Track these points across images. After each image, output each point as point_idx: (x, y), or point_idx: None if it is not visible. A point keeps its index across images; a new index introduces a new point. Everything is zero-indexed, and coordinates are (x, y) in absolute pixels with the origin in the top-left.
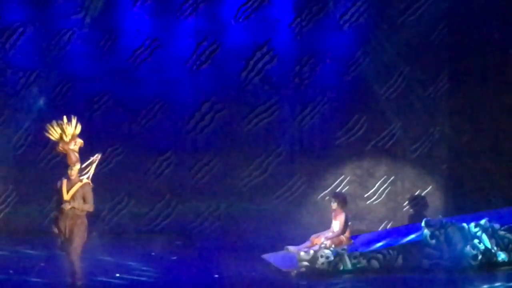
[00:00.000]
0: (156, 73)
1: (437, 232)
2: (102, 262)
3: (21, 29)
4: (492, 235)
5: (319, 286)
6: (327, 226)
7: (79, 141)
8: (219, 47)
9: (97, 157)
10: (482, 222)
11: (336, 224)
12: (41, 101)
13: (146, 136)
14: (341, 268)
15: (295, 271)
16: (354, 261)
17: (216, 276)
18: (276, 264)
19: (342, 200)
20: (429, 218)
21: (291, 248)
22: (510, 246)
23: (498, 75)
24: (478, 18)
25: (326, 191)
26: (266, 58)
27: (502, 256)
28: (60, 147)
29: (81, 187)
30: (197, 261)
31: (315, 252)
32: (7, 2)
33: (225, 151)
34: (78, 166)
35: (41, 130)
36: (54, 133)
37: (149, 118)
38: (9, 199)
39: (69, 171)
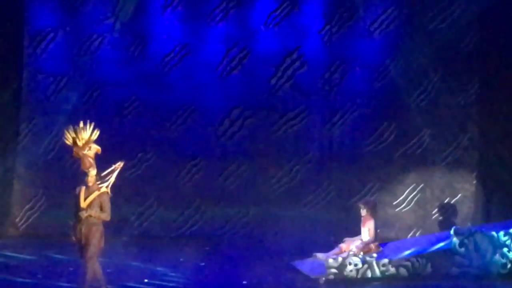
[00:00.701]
0: (185, 79)
1: (466, 240)
2: (131, 267)
3: (52, 34)
4: None
5: None
6: (355, 233)
7: (95, 147)
8: (249, 53)
9: (119, 165)
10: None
11: (365, 232)
12: (71, 106)
13: (176, 141)
14: (370, 275)
15: (323, 278)
16: (383, 268)
17: (245, 282)
18: (305, 271)
19: (372, 207)
20: (458, 226)
21: (320, 255)
22: None
23: None
24: (509, 26)
25: (355, 198)
26: (296, 64)
27: None
28: (74, 152)
29: (99, 195)
30: (226, 267)
31: (344, 259)
32: (38, 8)
33: (254, 157)
34: (93, 172)
35: None
36: (68, 137)
37: (179, 123)
38: (38, 204)
39: (86, 178)
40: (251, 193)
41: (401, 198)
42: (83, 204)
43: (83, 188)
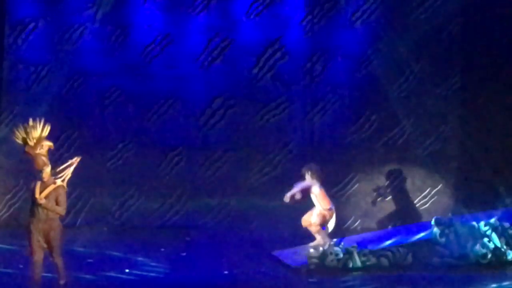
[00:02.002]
0: (167, 69)
1: (446, 231)
2: (111, 257)
3: (32, 24)
4: (501, 233)
5: (329, 283)
6: (339, 223)
7: (47, 144)
8: (230, 43)
9: (75, 160)
10: (492, 220)
11: (314, 198)
12: (53, 96)
13: (157, 131)
14: (351, 265)
15: (304, 268)
16: (364, 258)
17: (226, 272)
18: (286, 260)
19: (316, 171)
20: (439, 217)
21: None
22: None
23: (509, 73)
24: (489, 16)
25: (337, 188)
26: (278, 55)
27: (511, 255)
28: (26, 150)
29: (55, 189)
30: (207, 257)
31: (325, 249)
32: None
33: (235, 148)
34: (48, 169)
35: (52, 125)
36: (18, 137)
37: (160, 113)
38: (19, 194)
39: (41, 174)
40: (232, 183)
41: (382, 188)
42: (39, 196)
43: (39, 182)
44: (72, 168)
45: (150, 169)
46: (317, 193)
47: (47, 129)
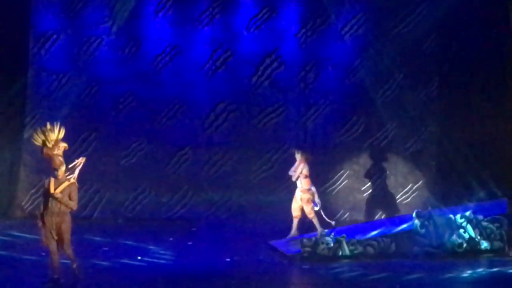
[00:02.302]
0: (175, 77)
1: (426, 222)
2: (125, 246)
3: (54, 36)
4: (476, 225)
5: (320, 269)
6: (329, 215)
7: (63, 145)
8: (232, 54)
9: (82, 160)
10: (467, 213)
11: (294, 170)
12: (72, 101)
13: (166, 133)
14: (340, 253)
15: (298, 256)
16: (352, 247)
17: (228, 259)
18: (282, 249)
19: (305, 152)
20: (419, 210)
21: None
22: (492, 235)
23: (481, 80)
24: (464, 29)
25: (327, 184)
26: (274, 64)
27: (484, 244)
28: (44, 152)
29: (68, 185)
30: (211, 246)
31: (317, 239)
32: (42, 12)
33: (237, 148)
34: (63, 167)
35: (72, 127)
36: (37, 139)
37: (169, 117)
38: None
39: (56, 172)
40: (233, 180)
41: (368, 184)
42: (55, 191)
43: (52, 179)
44: (79, 167)
45: (160, 167)
46: (303, 173)
47: (63, 131)
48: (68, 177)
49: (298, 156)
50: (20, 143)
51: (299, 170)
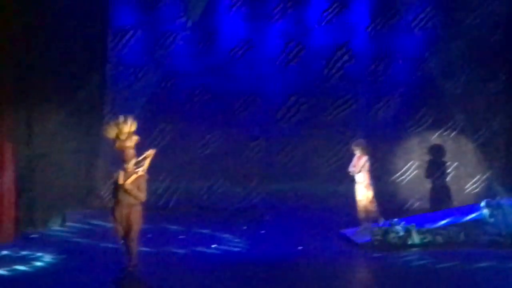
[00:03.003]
0: (248, 70)
1: (495, 212)
2: (200, 235)
3: (132, 31)
4: None
5: (390, 257)
6: (395, 205)
7: (135, 138)
8: (304, 47)
9: (152, 152)
10: None
11: (354, 165)
12: (148, 94)
13: (239, 125)
14: (410, 242)
15: (369, 244)
16: (421, 236)
17: (300, 247)
18: (353, 238)
19: (364, 146)
20: (488, 199)
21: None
22: None
23: None
24: None
25: (396, 175)
26: (345, 57)
27: None
28: (117, 145)
29: (137, 178)
30: (283, 235)
31: (387, 228)
32: (120, 8)
33: (308, 138)
34: (134, 160)
35: (148, 119)
36: (111, 132)
37: (243, 109)
38: None
39: (126, 165)
40: (305, 170)
41: (437, 175)
42: (125, 183)
43: (122, 172)
44: (149, 159)
45: (233, 157)
46: (360, 164)
47: (135, 124)
48: (136, 169)
49: (357, 152)
50: (99, 135)
51: (361, 164)
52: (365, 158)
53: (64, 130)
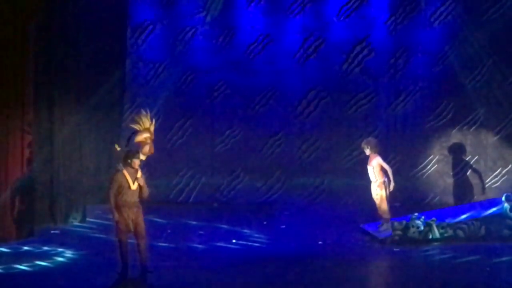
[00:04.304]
0: (268, 65)
1: None
2: (221, 230)
3: (151, 27)
4: None
5: (411, 252)
6: (416, 200)
7: (151, 136)
8: (323, 42)
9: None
10: None
11: (370, 170)
12: (168, 89)
13: (259, 120)
14: (430, 236)
15: (389, 239)
16: (442, 230)
17: (320, 242)
18: (373, 232)
19: (374, 145)
20: (509, 193)
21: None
22: None
23: None
24: None
25: (418, 168)
26: (365, 51)
27: None
28: (145, 137)
29: (141, 176)
30: (303, 230)
31: (407, 222)
32: (139, 4)
33: (328, 133)
34: (143, 158)
35: (168, 115)
36: (146, 122)
37: (262, 104)
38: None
39: (133, 161)
40: (325, 165)
41: (458, 169)
42: (133, 186)
43: (125, 171)
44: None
45: (253, 152)
46: (375, 165)
47: (154, 123)
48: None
49: (367, 151)
50: (119, 130)
51: (375, 163)
52: (376, 159)
53: (84, 126)
